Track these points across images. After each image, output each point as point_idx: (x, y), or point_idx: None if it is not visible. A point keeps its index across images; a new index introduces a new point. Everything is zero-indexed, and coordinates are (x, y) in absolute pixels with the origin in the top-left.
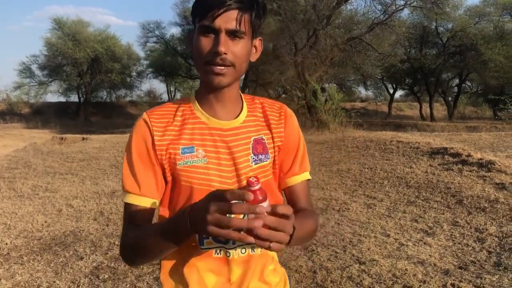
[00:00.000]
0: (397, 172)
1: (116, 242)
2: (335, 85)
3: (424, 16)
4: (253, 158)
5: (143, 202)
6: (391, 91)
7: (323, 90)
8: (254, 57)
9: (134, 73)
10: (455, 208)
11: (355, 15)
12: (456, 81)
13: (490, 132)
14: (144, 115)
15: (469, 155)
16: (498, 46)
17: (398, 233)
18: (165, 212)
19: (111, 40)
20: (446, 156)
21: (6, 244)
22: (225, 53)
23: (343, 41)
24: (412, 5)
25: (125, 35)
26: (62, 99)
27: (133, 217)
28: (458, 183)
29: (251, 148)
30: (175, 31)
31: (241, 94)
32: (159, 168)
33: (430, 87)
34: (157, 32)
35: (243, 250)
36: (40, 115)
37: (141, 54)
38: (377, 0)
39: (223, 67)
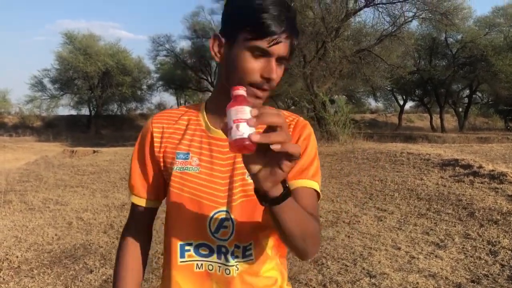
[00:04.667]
0: (407, 184)
1: None
2: (344, 96)
3: (433, 28)
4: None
5: (138, 201)
6: (401, 102)
7: (332, 101)
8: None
9: (144, 86)
10: (466, 220)
11: (364, 27)
12: (467, 92)
13: (501, 143)
14: (151, 117)
15: (480, 167)
16: (508, 57)
17: (409, 246)
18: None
19: (122, 53)
20: (457, 168)
21: (17, 257)
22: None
23: (352, 53)
24: (421, 16)
25: (135, 48)
26: (73, 112)
27: (132, 213)
28: (470, 195)
29: None
30: (185, 44)
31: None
32: (156, 167)
33: (440, 98)
34: (167, 46)
35: (227, 270)
36: (51, 128)
37: (152, 67)
38: (385, 12)
39: (265, 92)
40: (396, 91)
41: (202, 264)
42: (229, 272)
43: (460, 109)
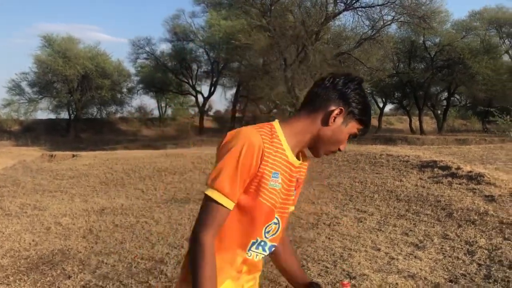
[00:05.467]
0: (387, 185)
1: (105, 260)
2: None
3: (412, 31)
4: (293, 193)
5: (229, 205)
6: (381, 105)
7: None
8: None
9: (124, 90)
10: (445, 221)
11: (344, 31)
12: (445, 94)
13: (479, 145)
14: (258, 138)
15: (458, 168)
16: (485, 59)
17: (388, 247)
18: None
19: (102, 56)
20: (435, 169)
21: None
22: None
23: (332, 56)
24: (399, 20)
25: (115, 51)
26: (52, 116)
27: (216, 214)
28: (448, 196)
29: (294, 185)
30: (165, 47)
31: None
32: (248, 179)
33: (419, 101)
34: (147, 49)
35: (260, 257)
36: (29, 133)
37: (132, 70)
38: (365, 15)
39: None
40: (375, 93)
41: (251, 253)
42: (260, 258)
43: (439, 111)
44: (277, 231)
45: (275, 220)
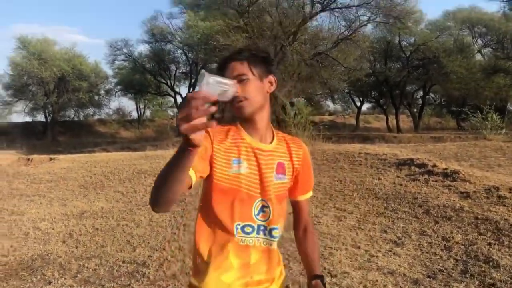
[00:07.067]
0: (366, 184)
1: (86, 265)
2: (303, 99)
3: (387, 31)
4: (275, 176)
5: (192, 175)
6: (358, 104)
7: (291, 104)
8: (270, 89)
9: (102, 91)
10: (422, 218)
11: (321, 31)
12: (421, 93)
13: (454, 142)
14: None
15: (434, 166)
16: (459, 58)
17: (368, 245)
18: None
19: (78, 58)
20: (412, 167)
21: None
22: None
23: (310, 57)
24: (375, 20)
25: (92, 53)
26: (28, 119)
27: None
28: (425, 193)
29: (274, 168)
30: (143, 48)
31: (272, 127)
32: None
33: (396, 100)
34: (125, 50)
35: (264, 242)
36: (5, 136)
37: (109, 72)
38: (341, 16)
39: (239, 102)
40: (353, 93)
41: (245, 239)
42: (271, 245)
43: (415, 110)
44: (270, 214)
45: (264, 203)
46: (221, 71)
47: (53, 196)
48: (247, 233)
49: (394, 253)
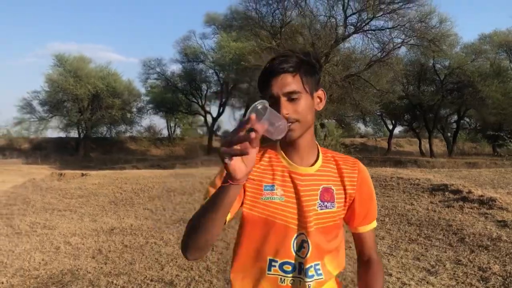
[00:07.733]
0: (398, 209)
1: (114, 281)
2: (334, 121)
3: (421, 54)
4: (319, 204)
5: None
6: (390, 127)
7: (322, 126)
8: (319, 107)
9: (134, 109)
10: (457, 246)
11: (353, 53)
12: (455, 117)
13: (489, 168)
14: None
15: (469, 192)
16: (495, 83)
17: (400, 272)
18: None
19: (112, 76)
20: (446, 193)
21: (2, 283)
22: (287, 113)
23: (342, 78)
24: (409, 43)
25: (126, 71)
26: (62, 134)
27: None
28: (460, 221)
29: (318, 195)
30: (176, 68)
31: (318, 145)
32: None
33: (429, 123)
34: (158, 69)
35: (300, 282)
36: (39, 151)
37: (142, 90)
38: (374, 38)
39: (290, 124)
40: (385, 115)
41: (284, 279)
42: (307, 286)
43: (449, 134)
44: (308, 250)
45: (304, 238)
46: (266, 83)
47: (84, 211)
48: (286, 272)
49: (427, 282)
